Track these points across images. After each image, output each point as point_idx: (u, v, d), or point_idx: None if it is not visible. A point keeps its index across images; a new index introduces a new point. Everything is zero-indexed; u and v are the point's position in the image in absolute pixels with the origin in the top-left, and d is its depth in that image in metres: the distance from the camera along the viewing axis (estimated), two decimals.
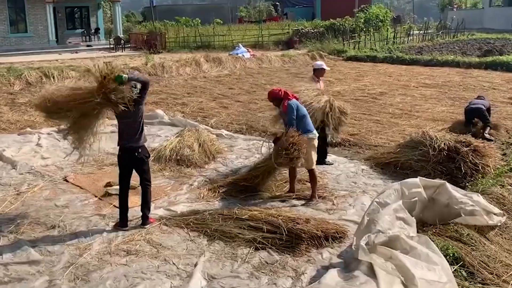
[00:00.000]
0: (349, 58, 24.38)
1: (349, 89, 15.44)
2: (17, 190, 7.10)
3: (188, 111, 12.49)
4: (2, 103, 13.60)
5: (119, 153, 5.83)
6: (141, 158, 5.75)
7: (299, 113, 6.38)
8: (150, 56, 24.00)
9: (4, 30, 29.03)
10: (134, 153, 5.71)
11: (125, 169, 5.83)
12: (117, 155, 5.88)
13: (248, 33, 33.54)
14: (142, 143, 5.80)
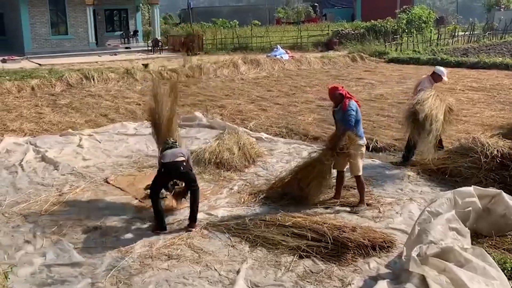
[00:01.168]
0: (391, 60, 23.95)
1: (392, 92, 15.13)
2: (59, 191, 7.24)
3: (226, 113, 12.49)
4: (44, 104, 13.98)
5: (161, 170, 5.93)
6: (185, 171, 5.87)
7: (356, 116, 6.22)
8: (188, 58, 24.24)
9: (45, 32, 29.92)
10: (179, 167, 5.84)
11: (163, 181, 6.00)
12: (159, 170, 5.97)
13: (286, 35, 33.46)
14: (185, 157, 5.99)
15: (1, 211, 6.50)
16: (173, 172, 5.90)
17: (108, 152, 9.33)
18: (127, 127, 11.20)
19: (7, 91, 15.73)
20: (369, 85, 16.55)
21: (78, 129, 11.03)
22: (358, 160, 6.32)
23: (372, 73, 19.93)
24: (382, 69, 21.25)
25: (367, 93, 14.97)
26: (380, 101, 13.58)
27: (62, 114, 12.69)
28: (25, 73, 19.29)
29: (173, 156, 5.90)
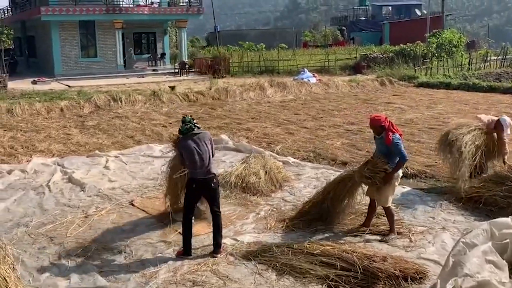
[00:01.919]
0: (421, 85, 23.73)
1: (422, 117, 14.94)
2: (85, 212, 7.30)
3: (252, 136, 12.51)
4: (72, 126, 14.26)
5: (191, 185, 5.80)
6: (215, 188, 5.80)
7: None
8: (214, 81, 24.53)
9: (75, 54, 30.74)
10: (210, 184, 5.75)
11: (195, 200, 5.88)
12: (188, 186, 5.86)
13: (313, 58, 33.59)
14: (216, 173, 5.86)
15: (28, 232, 6.59)
16: (204, 189, 5.78)
17: (134, 174, 9.41)
18: (153, 149, 11.30)
19: (37, 112, 16.13)
20: (398, 110, 16.39)
21: (105, 150, 11.18)
22: (389, 192, 6.21)
23: (401, 97, 19.76)
24: (411, 93, 21.06)
25: (396, 118, 14.79)
26: (410, 126, 13.41)
27: (89, 136, 12.91)
28: (55, 94, 19.85)
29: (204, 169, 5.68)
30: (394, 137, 6.05)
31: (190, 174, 5.81)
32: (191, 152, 5.69)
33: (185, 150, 5.75)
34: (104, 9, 30.16)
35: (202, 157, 5.70)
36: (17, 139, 12.45)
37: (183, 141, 5.82)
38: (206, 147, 5.76)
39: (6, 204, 7.65)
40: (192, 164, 5.72)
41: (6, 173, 9.33)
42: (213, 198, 5.88)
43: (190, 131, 5.76)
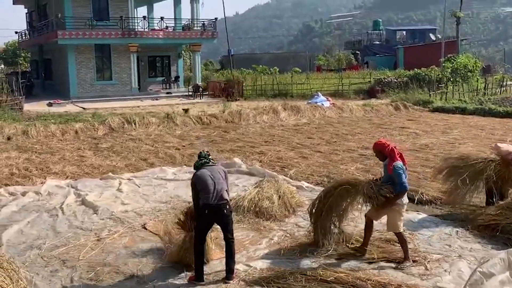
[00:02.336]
0: (436, 109, 23.66)
1: (437, 142, 14.86)
2: (97, 235, 7.33)
3: (266, 160, 12.52)
4: (86, 148, 14.42)
5: (204, 211, 5.78)
6: (228, 214, 5.79)
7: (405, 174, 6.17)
8: (228, 104, 24.74)
9: (91, 77, 31.26)
10: (223, 210, 5.74)
11: (207, 227, 5.88)
12: (200, 212, 5.84)
13: (327, 82, 33.76)
14: (228, 198, 5.87)
15: (41, 254, 6.63)
16: (217, 215, 5.77)
17: (147, 197, 9.45)
18: (166, 172, 11.36)
19: (52, 134, 16.36)
20: (413, 135, 16.33)
21: (118, 173, 11.27)
22: (396, 218, 6.21)
23: (416, 122, 19.71)
24: (426, 118, 20.99)
25: (411, 143, 14.76)
26: (425, 152, 13.34)
27: (103, 158, 13.04)
28: (70, 116, 20.13)
29: (217, 195, 5.70)
30: (395, 165, 6.08)
31: (202, 200, 5.80)
32: (204, 178, 5.77)
33: (199, 178, 5.83)
34: (120, 33, 30.75)
35: (215, 182, 5.74)
36: (32, 161, 12.62)
37: (196, 173, 5.93)
38: (220, 175, 5.85)
39: (19, 226, 7.72)
40: (206, 189, 5.74)
41: (20, 194, 9.44)
42: (226, 225, 5.86)
43: (205, 165, 5.90)
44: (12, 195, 9.46)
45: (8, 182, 10.51)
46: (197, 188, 5.84)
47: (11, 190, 9.75)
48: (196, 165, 5.98)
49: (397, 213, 6.20)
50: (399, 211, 6.22)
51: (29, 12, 39.77)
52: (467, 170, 8.02)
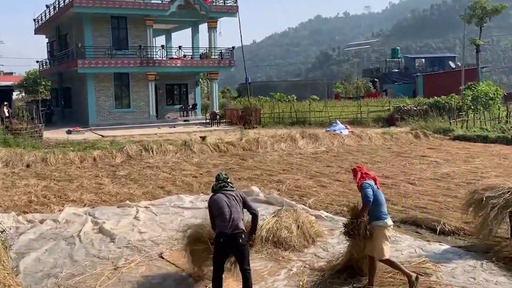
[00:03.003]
0: (457, 138, 23.44)
1: (459, 171, 14.67)
2: (114, 264, 7.33)
3: (284, 189, 12.48)
4: (104, 175, 14.54)
5: (219, 240, 5.76)
6: (244, 244, 5.73)
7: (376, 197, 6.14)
8: (245, 131, 24.84)
9: (110, 105, 31.78)
10: (238, 239, 5.68)
11: (224, 257, 5.83)
12: (216, 241, 5.83)
13: (345, 109, 33.79)
14: (243, 227, 5.81)
15: (58, 283, 6.64)
16: (231, 244, 5.69)
17: (164, 225, 9.45)
18: (183, 200, 11.38)
19: (70, 162, 16.57)
20: (433, 164, 16.16)
21: (136, 200, 11.32)
22: (377, 242, 6.14)
23: (436, 150, 19.53)
24: (447, 146, 20.79)
25: (432, 171, 14.59)
26: (446, 181, 13.17)
27: (120, 185, 13.13)
28: (88, 144, 20.39)
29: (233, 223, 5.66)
30: (363, 183, 6.14)
31: (217, 228, 5.80)
32: (221, 204, 5.76)
33: (215, 202, 5.82)
34: (139, 62, 31.35)
35: (231, 210, 5.72)
36: (51, 188, 12.76)
37: (213, 196, 5.92)
38: (236, 202, 5.82)
39: (37, 254, 7.76)
40: (221, 217, 5.74)
41: (38, 222, 9.52)
42: (241, 255, 5.77)
43: (222, 189, 5.88)
44: (30, 222, 9.54)
45: (27, 209, 10.63)
46: (213, 213, 5.85)
47: (29, 217, 9.84)
48: (214, 189, 5.99)
49: (380, 235, 6.13)
50: (381, 233, 6.13)
51: (50, 42, 40.83)
52: (495, 202, 7.86)
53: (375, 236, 6.15)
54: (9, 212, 10.13)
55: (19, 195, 11.96)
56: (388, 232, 6.21)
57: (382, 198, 6.27)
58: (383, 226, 6.14)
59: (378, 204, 6.18)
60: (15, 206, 10.91)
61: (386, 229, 6.18)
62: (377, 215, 6.16)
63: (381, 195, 6.26)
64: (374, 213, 6.16)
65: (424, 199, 11.06)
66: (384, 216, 6.18)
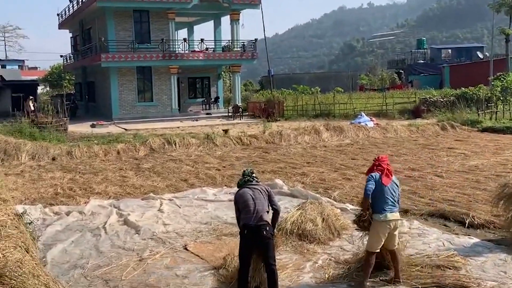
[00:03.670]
0: (485, 129, 22.99)
1: (488, 163, 14.40)
2: (139, 256, 7.42)
3: (308, 181, 12.43)
4: (128, 168, 14.71)
5: (244, 232, 5.79)
6: (268, 236, 5.72)
7: (376, 188, 6.06)
8: (268, 124, 24.82)
9: (132, 99, 32.10)
10: (262, 231, 5.67)
11: (249, 250, 5.81)
12: (240, 234, 5.87)
13: (370, 101, 33.48)
14: (268, 221, 5.80)
15: (84, 274, 6.75)
16: (256, 237, 5.68)
17: (188, 217, 9.51)
18: (207, 192, 11.44)
19: (95, 155, 16.81)
20: (461, 156, 15.90)
21: (159, 193, 11.42)
22: (370, 235, 6.15)
23: (464, 142, 19.20)
24: (475, 138, 20.42)
25: (459, 164, 14.36)
26: (475, 173, 12.95)
27: (144, 178, 13.26)
28: (112, 137, 20.65)
29: (257, 215, 5.67)
30: (369, 175, 6.19)
31: (242, 220, 5.81)
32: (246, 197, 5.78)
33: (240, 196, 5.84)
34: (161, 55, 31.55)
35: (255, 202, 5.73)
36: (76, 181, 12.97)
37: (238, 191, 5.95)
38: (261, 195, 5.82)
39: (64, 246, 7.90)
40: (246, 209, 5.75)
41: (64, 214, 9.69)
42: (266, 248, 5.73)
43: (248, 183, 5.90)
44: (56, 214, 9.72)
45: (53, 201, 10.83)
46: (239, 207, 5.86)
47: (56, 209, 10.02)
48: (239, 183, 6.02)
49: (375, 228, 6.08)
50: (375, 228, 6.08)
51: (74, 36, 41.40)
52: None
53: (371, 229, 6.16)
54: (36, 204, 10.33)
55: (45, 187, 12.19)
56: (380, 227, 6.07)
57: (386, 192, 6.07)
58: (379, 221, 6.05)
59: (379, 198, 6.07)
60: (41, 198, 11.12)
61: (378, 224, 6.06)
62: (376, 208, 6.09)
63: (385, 189, 6.06)
64: (375, 207, 6.11)
65: (452, 191, 10.90)
66: (384, 211, 6.03)
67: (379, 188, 6.06)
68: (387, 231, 6.06)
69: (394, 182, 6.23)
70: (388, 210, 6.03)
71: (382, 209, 6.03)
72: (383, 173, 6.14)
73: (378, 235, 6.05)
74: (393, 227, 6.13)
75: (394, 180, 6.24)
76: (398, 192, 6.27)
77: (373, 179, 6.08)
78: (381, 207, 6.04)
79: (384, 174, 6.13)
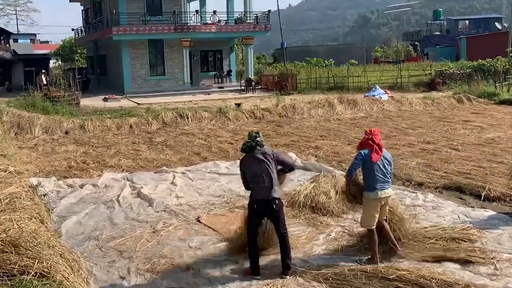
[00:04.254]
0: (502, 102, 22.63)
1: (505, 136, 14.23)
2: (153, 228, 7.49)
3: (321, 155, 12.39)
4: (141, 142, 14.77)
5: (253, 205, 5.81)
6: (278, 210, 5.74)
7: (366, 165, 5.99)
8: (281, 97, 24.68)
9: (144, 73, 32.04)
10: (272, 205, 5.69)
11: (257, 220, 5.86)
12: (249, 206, 5.88)
13: (385, 74, 33.07)
14: (278, 195, 5.78)
15: (99, 245, 6.84)
16: (265, 210, 5.74)
17: (200, 190, 9.56)
18: (219, 166, 11.45)
19: (107, 128, 16.88)
20: (478, 129, 15.70)
21: (172, 166, 11.46)
22: (364, 212, 6.11)
23: (480, 115, 18.95)
24: (492, 111, 20.14)
25: (475, 137, 14.20)
26: (491, 146, 12.81)
27: (157, 152, 13.31)
28: (124, 111, 20.68)
29: (265, 189, 5.66)
30: (359, 152, 6.12)
31: (252, 195, 5.82)
32: (253, 171, 5.74)
33: (246, 168, 5.82)
34: (173, 28, 31.31)
35: (264, 177, 5.68)
36: (89, 154, 13.06)
37: (245, 159, 5.86)
38: (268, 166, 5.70)
39: (78, 218, 8.00)
40: (254, 184, 5.75)
41: (78, 187, 9.78)
42: (277, 220, 5.80)
43: (252, 149, 5.76)
44: (70, 187, 9.82)
45: (67, 174, 10.92)
46: (245, 177, 5.84)
47: (70, 182, 10.12)
48: (243, 148, 5.81)
49: (366, 206, 6.06)
50: (367, 206, 6.04)
51: (85, 10, 41.24)
52: None
53: (363, 206, 6.13)
54: (50, 177, 10.44)
55: (59, 160, 12.30)
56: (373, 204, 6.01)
57: (376, 169, 5.97)
58: (370, 199, 6.01)
59: (368, 175, 6.02)
60: (55, 171, 11.23)
61: (371, 201, 6.02)
62: (367, 186, 6.04)
63: (375, 166, 5.96)
64: (366, 184, 6.07)
65: (467, 164, 10.80)
66: (375, 189, 5.96)
67: (369, 166, 5.98)
68: (379, 207, 6.05)
69: (385, 158, 6.13)
70: (379, 188, 5.98)
71: (373, 187, 5.98)
72: (373, 150, 6.02)
73: (371, 212, 6.03)
74: (384, 203, 6.12)
75: (385, 156, 6.13)
76: (390, 168, 6.18)
77: (361, 158, 6.00)
78: (372, 185, 5.99)
79: (374, 150, 6.02)
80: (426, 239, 6.50)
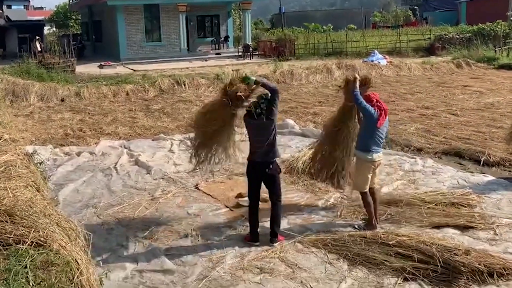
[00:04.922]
0: (502, 67, 22.46)
1: (504, 101, 14.14)
2: (151, 195, 7.44)
3: (320, 121, 12.27)
4: (137, 109, 14.61)
5: (248, 168, 5.80)
6: (272, 174, 5.68)
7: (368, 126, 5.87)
8: (279, 63, 24.38)
9: (140, 39, 31.52)
10: (265, 168, 5.65)
11: (254, 184, 5.80)
12: (246, 169, 5.87)
13: (383, 39, 32.67)
14: (274, 158, 5.70)
15: (97, 213, 6.80)
16: (260, 173, 5.68)
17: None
18: None
19: (104, 96, 16.67)
20: (476, 93, 15.59)
21: (169, 134, 11.36)
22: (358, 175, 6.01)
23: (480, 80, 18.80)
24: (491, 76, 19.98)
25: (474, 102, 14.10)
26: (490, 111, 12.73)
27: (154, 119, 13.18)
28: (120, 78, 20.40)
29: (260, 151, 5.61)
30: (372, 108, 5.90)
31: (248, 155, 5.82)
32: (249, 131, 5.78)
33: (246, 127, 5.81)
34: None
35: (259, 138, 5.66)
36: (85, 122, 12.92)
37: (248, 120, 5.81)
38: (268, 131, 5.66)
39: (75, 185, 7.93)
40: (250, 144, 5.76)
41: (75, 154, 9.68)
42: (270, 185, 5.75)
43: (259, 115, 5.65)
44: (67, 155, 9.72)
45: (63, 142, 10.81)
46: None
47: (66, 150, 10.01)
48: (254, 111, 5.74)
49: (358, 169, 6.01)
50: (361, 167, 5.98)
51: None
52: None
53: (356, 168, 6.07)
54: (46, 145, 10.33)
55: (55, 128, 12.17)
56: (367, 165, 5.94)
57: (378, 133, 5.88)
58: (365, 160, 5.92)
59: (367, 137, 5.90)
60: (52, 139, 11.11)
61: (365, 163, 5.94)
62: (364, 147, 5.91)
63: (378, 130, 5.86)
64: (362, 144, 5.95)
65: (467, 129, 10.74)
66: (371, 151, 5.87)
67: (372, 128, 5.87)
68: (371, 170, 5.98)
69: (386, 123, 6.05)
70: (374, 151, 5.91)
71: (369, 149, 5.89)
72: (381, 115, 5.89)
73: (365, 175, 5.96)
74: (376, 166, 6.04)
75: (387, 121, 6.05)
76: (386, 133, 6.18)
77: (372, 112, 5.82)
78: (368, 147, 5.90)
79: (381, 116, 5.89)
80: (425, 203, 6.49)
